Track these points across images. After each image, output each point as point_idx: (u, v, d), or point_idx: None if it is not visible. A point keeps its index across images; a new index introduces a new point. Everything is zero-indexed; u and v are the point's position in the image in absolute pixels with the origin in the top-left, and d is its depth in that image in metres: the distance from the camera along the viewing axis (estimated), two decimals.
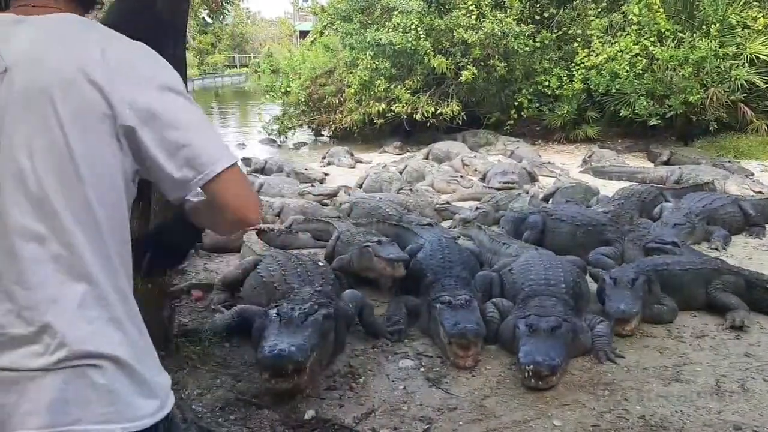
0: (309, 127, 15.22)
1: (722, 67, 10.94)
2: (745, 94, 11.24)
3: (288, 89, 14.75)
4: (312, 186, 8.85)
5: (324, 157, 11.95)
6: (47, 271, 1.16)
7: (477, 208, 7.04)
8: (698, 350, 3.87)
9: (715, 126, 11.39)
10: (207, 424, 2.92)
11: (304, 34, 31.20)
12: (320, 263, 4.34)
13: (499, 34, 12.14)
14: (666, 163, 10.47)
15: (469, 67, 12.48)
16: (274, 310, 3.44)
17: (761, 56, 11.03)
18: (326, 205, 7.89)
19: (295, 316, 3.35)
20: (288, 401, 3.19)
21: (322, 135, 15.46)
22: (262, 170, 10.42)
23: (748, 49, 11.09)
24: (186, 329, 3.84)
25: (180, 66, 3.13)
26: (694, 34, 11.24)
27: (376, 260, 4.41)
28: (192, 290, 4.64)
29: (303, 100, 14.42)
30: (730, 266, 4.66)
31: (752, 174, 9.15)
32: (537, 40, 12.45)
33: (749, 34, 11.21)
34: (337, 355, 3.64)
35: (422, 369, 3.64)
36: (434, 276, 4.29)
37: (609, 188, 8.41)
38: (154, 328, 2.91)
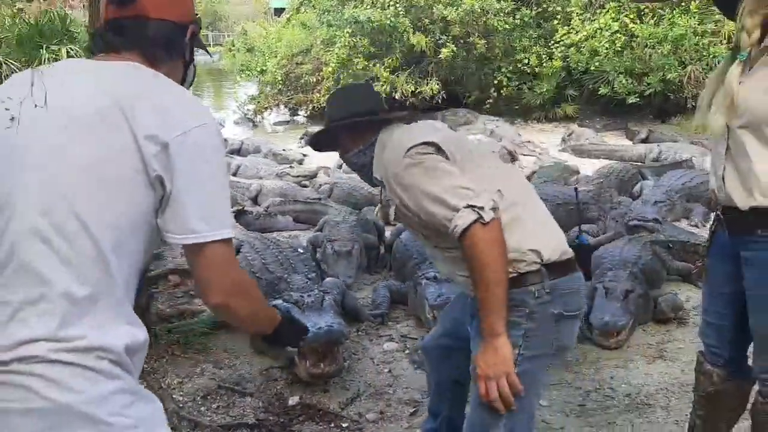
0: (286, 106, 14.94)
1: (700, 44, 10.96)
2: None
3: (264, 68, 14.45)
4: (290, 167, 8.70)
5: (302, 138, 11.75)
6: None
7: None
8: (681, 327, 3.88)
9: (693, 104, 11.42)
10: (188, 413, 2.84)
11: (278, 12, 30.57)
12: (300, 250, 4.23)
13: (479, 10, 12.00)
14: (644, 141, 10.48)
15: (448, 44, 12.32)
16: (280, 301, 3.33)
17: None
18: (305, 186, 7.76)
19: (311, 301, 3.29)
20: (278, 387, 3.12)
21: (299, 115, 15.20)
22: (239, 151, 10.22)
23: (726, 26, 11.11)
24: (164, 316, 3.74)
25: None
26: (674, 11, 11.23)
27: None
28: (170, 275, 4.52)
29: (279, 79, 14.14)
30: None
31: None
32: (517, 17, 12.31)
33: None
34: None
35: (407, 351, 3.59)
36: (421, 257, 4.21)
37: (588, 167, 8.41)
38: None
